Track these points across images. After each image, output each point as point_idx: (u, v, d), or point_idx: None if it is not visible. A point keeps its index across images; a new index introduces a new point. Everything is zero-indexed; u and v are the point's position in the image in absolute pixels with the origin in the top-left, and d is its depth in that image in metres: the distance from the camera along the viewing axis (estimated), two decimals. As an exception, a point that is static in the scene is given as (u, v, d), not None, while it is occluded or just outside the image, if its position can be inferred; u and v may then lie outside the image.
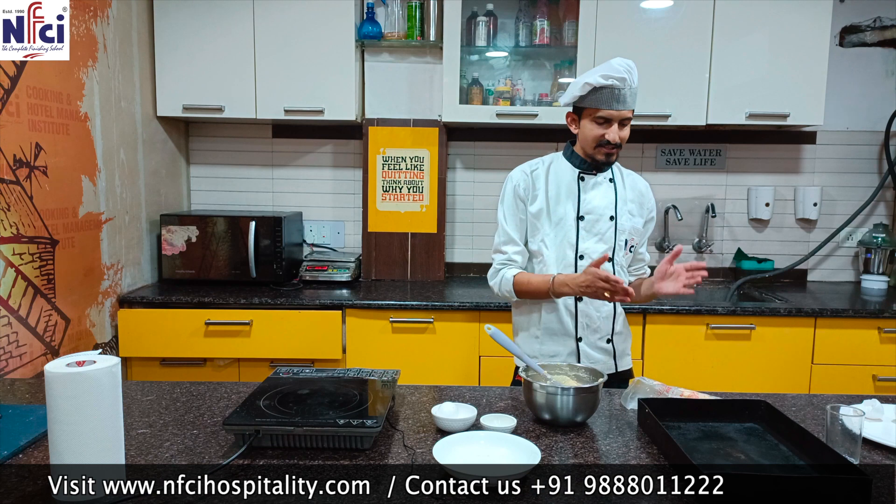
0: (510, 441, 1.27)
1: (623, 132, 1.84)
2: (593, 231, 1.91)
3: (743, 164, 3.27)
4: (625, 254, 1.95)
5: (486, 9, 3.00)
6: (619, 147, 1.85)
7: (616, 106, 1.79)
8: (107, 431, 1.08)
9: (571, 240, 1.91)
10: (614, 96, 1.78)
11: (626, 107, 1.81)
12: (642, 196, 2.00)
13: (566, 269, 1.90)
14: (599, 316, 1.93)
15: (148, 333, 2.66)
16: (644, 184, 2.02)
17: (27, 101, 2.13)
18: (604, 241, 1.91)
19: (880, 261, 3.16)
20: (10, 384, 1.71)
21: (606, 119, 1.81)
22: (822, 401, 1.60)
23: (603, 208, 1.91)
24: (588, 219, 1.91)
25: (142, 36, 2.86)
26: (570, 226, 1.91)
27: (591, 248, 1.90)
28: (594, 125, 1.83)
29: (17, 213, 2.10)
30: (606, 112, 1.80)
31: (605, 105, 1.79)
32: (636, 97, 1.84)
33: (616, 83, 1.77)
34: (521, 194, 1.94)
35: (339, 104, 2.95)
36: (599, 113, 1.81)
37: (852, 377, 2.67)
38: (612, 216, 1.92)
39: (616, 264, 1.93)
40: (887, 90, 3.20)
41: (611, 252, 1.91)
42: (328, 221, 3.34)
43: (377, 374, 1.56)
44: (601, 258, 1.71)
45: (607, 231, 1.92)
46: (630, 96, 1.81)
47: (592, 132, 1.84)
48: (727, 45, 2.84)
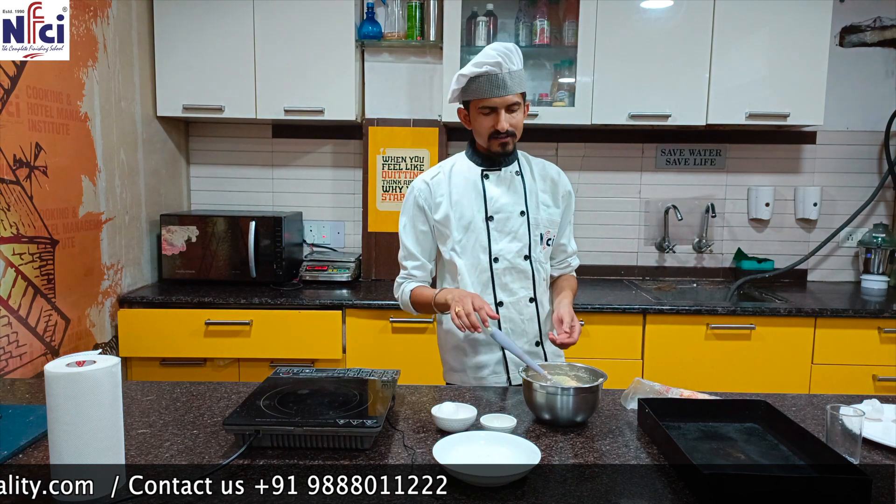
0: (510, 441, 1.27)
1: (514, 118, 1.74)
2: (505, 230, 1.81)
3: (743, 164, 3.27)
4: (542, 248, 1.86)
5: (486, 9, 3.00)
6: (514, 135, 1.76)
7: (497, 92, 1.69)
8: (107, 431, 1.08)
9: (483, 242, 1.81)
10: (492, 83, 1.69)
11: (507, 92, 1.70)
12: (555, 184, 1.89)
13: (481, 275, 1.82)
14: (523, 319, 1.84)
15: (148, 333, 2.66)
16: (555, 169, 1.93)
17: (27, 101, 2.13)
18: (517, 239, 1.82)
19: (880, 261, 3.16)
20: (10, 384, 1.71)
21: (491, 108, 1.72)
22: (822, 401, 1.60)
23: (512, 205, 1.82)
24: (498, 218, 1.81)
25: (142, 36, 2.86)
26: (480, 228, 1.81)
27: (506, 249, 1.81)
28: (482, 117, 1.74)
29: (17, 213, 2.10)
30: (489, 101, 1.71)
31: (485, 94, 1.70)
32: (522, 80, 1.73)
33: (491, 69, 1.68)
34: (420, 204, 1.85)
35: (339, 104, 2.95)
36: (482, 103, 1.72)
37: (852, 377, 2.67)
38: (522, 211, 1.82)
39: (535, 261, 1.84)
40: (887, 90, 3.20)
41: (527, 250, 1.82)
42: (328, 221, 3.34)
43: (377, 374, 1.56)
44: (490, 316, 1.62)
45: (520, 228, 1.82)
46: (511, 80, 1.70)
47: (482, 124, 1.75)
48: (727, 45, 2.83)
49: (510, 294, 1.83)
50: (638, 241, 3.32)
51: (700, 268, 3.33)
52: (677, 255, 3.32)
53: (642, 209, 3.29)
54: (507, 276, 1.82)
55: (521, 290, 1.84)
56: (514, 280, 1.83)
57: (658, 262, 3.34)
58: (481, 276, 1.82)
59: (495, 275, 1.82)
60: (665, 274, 3.32)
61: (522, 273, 1.83)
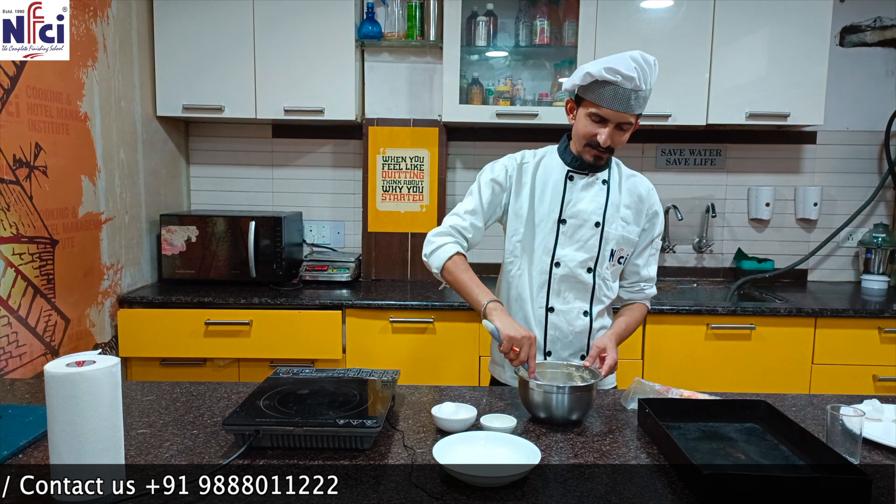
0: (510, 441, 1.27)
1: (620, 137, 1.64)
2: (574, 237, 1.74)
3: (743, 164, 3.27)
4: (612, 265, 1.78)
5: (486, 9, 3.00)
6: (611, 151, 1.67)
7: (616, 106, 1.58)
8: (107, 431, 1.08)
9: (549, 244, 1.75)
10: (617, 95, 1.57)
11: (628, 110, 1.59)
12: (641, 202, 1.80)
13: (541, 276, 1.76)
14: (572, 330, 1.78)
15: (148, 333, 2.66)
16: (646, 187, 1.82)
17: (27, 101, 2.13)
18: (585, 250, 1.74)
19: (880, 261, 3.16)
20: (10, 384, 1.71)
21: (602, 118, 1.61)
22: (822, 401, 1.60)
23: (589, 213, 1.73)
24: (570, 223, 1.74)
25: (142, 36, 2.86)
26: (549, 228, 1.75)
27: (570, 257, 1.74)
28: (588, 121, 1.64)
29: (16, 213, 2.10)
30: (604, 111, 1.59)
31: (604, 102, 1.58)
32: (646, 101, 1.62)
33: (621, 81, 1.55)
34: (508, 176, 1.77)
35: (339, 104, 2.95)
36: (596, 110, 1.60)
37: (852, 377, 2.67)
38: (598, 222, 1.73)
39: (598, 276, 1.77)
40: (887, 90, 3.20)
41: (592, 262, 1.75)
42: (328, 221, 3.34)
43: (377, 374, 1.56)
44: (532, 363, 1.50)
45: (590, 239, 1.74)
46: (636, 100, 1.58)
47: (585, 128, 1.65)
48: (727, 45, 2.83)
49: (564, 302, 1.77)
50: (638, 241, 3.31)
51: (700, 268, 3.33)
52: (677, 255, 3.32)
53: (642, 209, 3.29)
54: (564, 283, 1.76)
55: (575, 300, 1.77)
56: (570, 289, 1.77)
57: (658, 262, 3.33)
58: (539, 277, 1.77)
59: (553, 279, 1.76)
60: (665, 274, 3.32)
61: (581, 284, 1.77)
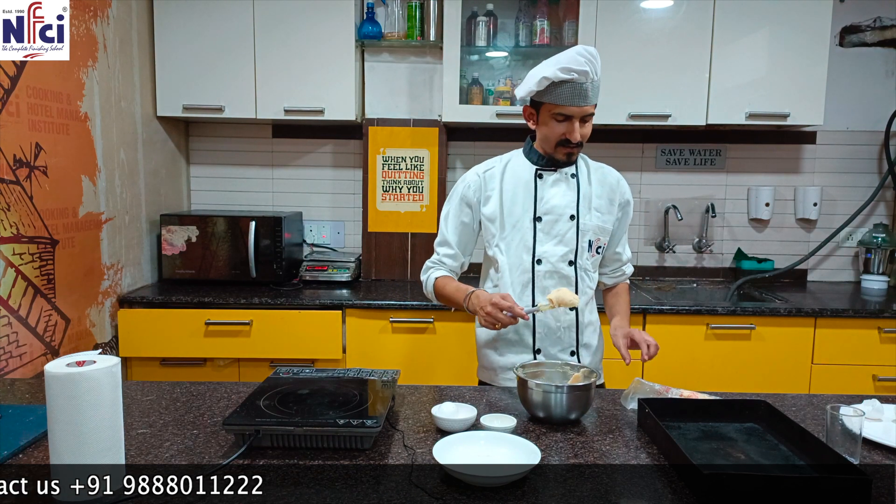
0: (510, 441, 1.27)
1: (586, 129, 1.69)
2: (552, 233, 1.78)
3: (743, 164, 3.27)
4: (591, 256, 1.82)
5: (486, 9, 3.00)
6: (581, 146, 1.72)
7: (578, 101, 1.63)
8: (107, 431, 1.08)
9: (528, 243, 1.78)
10: (575, 91, 1.62)
11: (588, 102, 1.64)
12: (612, 191, 1.84)
13: (523, 275, 1.79)
14: (560, 326, 1.80)
15: (148, 333, 2.66)
16: (615, 176, 1.87)
17: (27, 101, 2.13)
18: (564, 244, 1.78)
19: (880, 261, 3.16)
20: (10, 384, 1.71)
21: (567, 116, 1.66)
22: (822, 401, 1.60)
23: (563, 207, 1.77)
24: (546, 219, 1.77)
25: (142, 36, 2.86)
26: (526, 227, 1.78)
27: (550, 252, 1.77)
28: (554, 122, 1.68)
29: (17, 213, 2.10)
30: (568, 108, 1.64)
31: (565, 101, 1.63)
32: (599, 90, 1.68)
33: (577, 77, 1.61)
34: (469, 196, 1.82)
35: (339, 104, 2.95)
36: (559, 109, 1.65)
37: (852, 377, 2.67)
38: (572, 215, 1.77)
39: (580, 268, 1.80)
40: (887, 90, 3.20)
41: (572, 255, 1.78)
42: (328, 221, 3.34)
43: (377, 374, 1.56)
44: (521, 313, 1.58)
45: (567, 232, 1.78)
46: (592, 91, 1.64)
47: (553, 130, 1.69)
48: (727, 45, 2.83)
49: None
50: (638, 240, 3.31)
51: (700, 268, 3.33)
52: (677, 255, 3.32)
53: (642, 209, 3.29)
54: (548, 279, 1.79)
55: None
56: (555, 285, 1.78)
57: (658, 262, 3.34)
58: (522, 277, 1.80)
59: (536, 277, 1.78)
60: (665, 274, 3.32)
61: (565, 279, 1.79)
